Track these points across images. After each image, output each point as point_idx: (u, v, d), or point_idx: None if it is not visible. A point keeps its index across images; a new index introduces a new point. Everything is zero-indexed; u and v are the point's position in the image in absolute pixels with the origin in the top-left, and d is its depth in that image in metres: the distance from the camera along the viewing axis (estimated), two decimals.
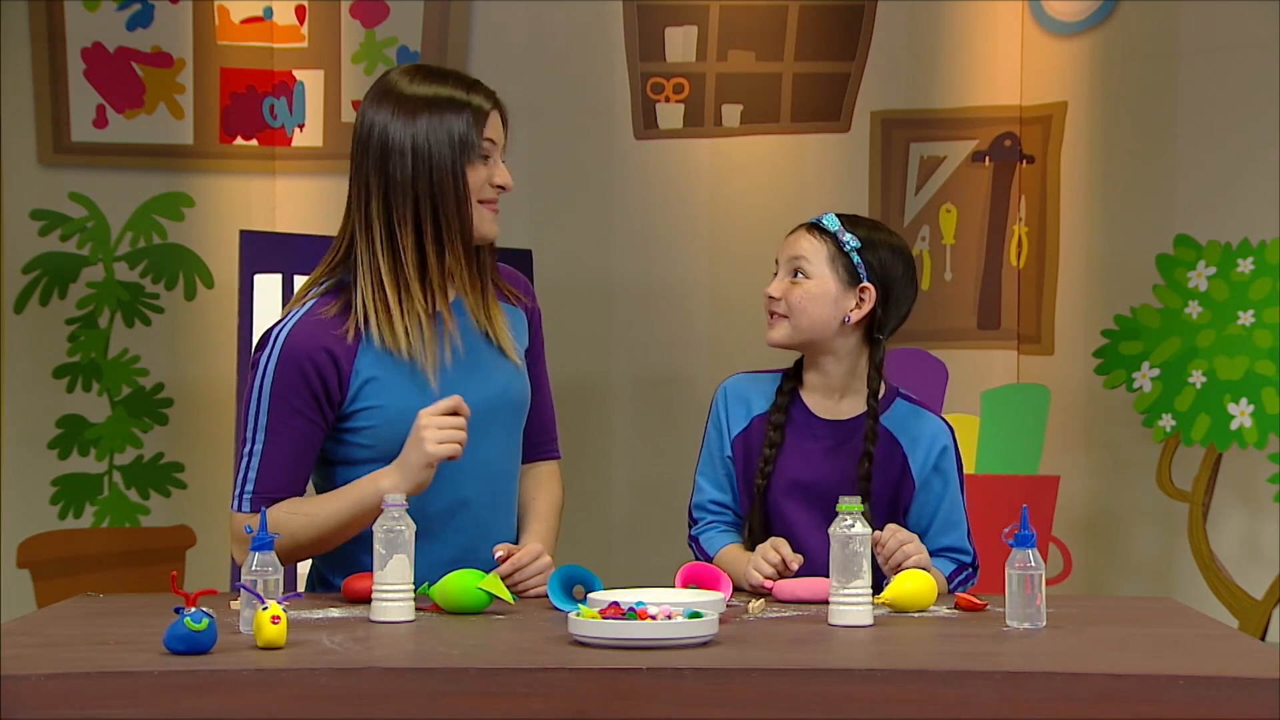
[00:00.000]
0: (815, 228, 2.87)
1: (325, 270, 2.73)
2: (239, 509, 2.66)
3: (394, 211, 2.66)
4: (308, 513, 2.65)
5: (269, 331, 2.69)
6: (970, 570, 2.89)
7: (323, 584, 2.79)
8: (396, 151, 2.65)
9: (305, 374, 2.64)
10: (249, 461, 2.66)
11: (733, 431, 2.91)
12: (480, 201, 2.71)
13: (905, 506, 2.87)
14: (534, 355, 2.88)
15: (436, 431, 2.60)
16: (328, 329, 2.66)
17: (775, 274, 2.89)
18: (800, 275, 2.85)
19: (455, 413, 2.62)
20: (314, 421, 2.66)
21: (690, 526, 2.96)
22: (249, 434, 2.67)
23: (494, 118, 2.71)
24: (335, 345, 2.66)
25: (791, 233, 2.90)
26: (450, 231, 2.67)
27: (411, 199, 2.66)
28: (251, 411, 2.67)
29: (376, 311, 2.66)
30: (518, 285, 2.89)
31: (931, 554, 2.79)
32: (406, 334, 2.66)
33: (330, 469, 2.73)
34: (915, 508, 2.86)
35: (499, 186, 2.72)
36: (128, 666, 2.04)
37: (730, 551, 2.88)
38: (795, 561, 2.72)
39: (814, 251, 2.85)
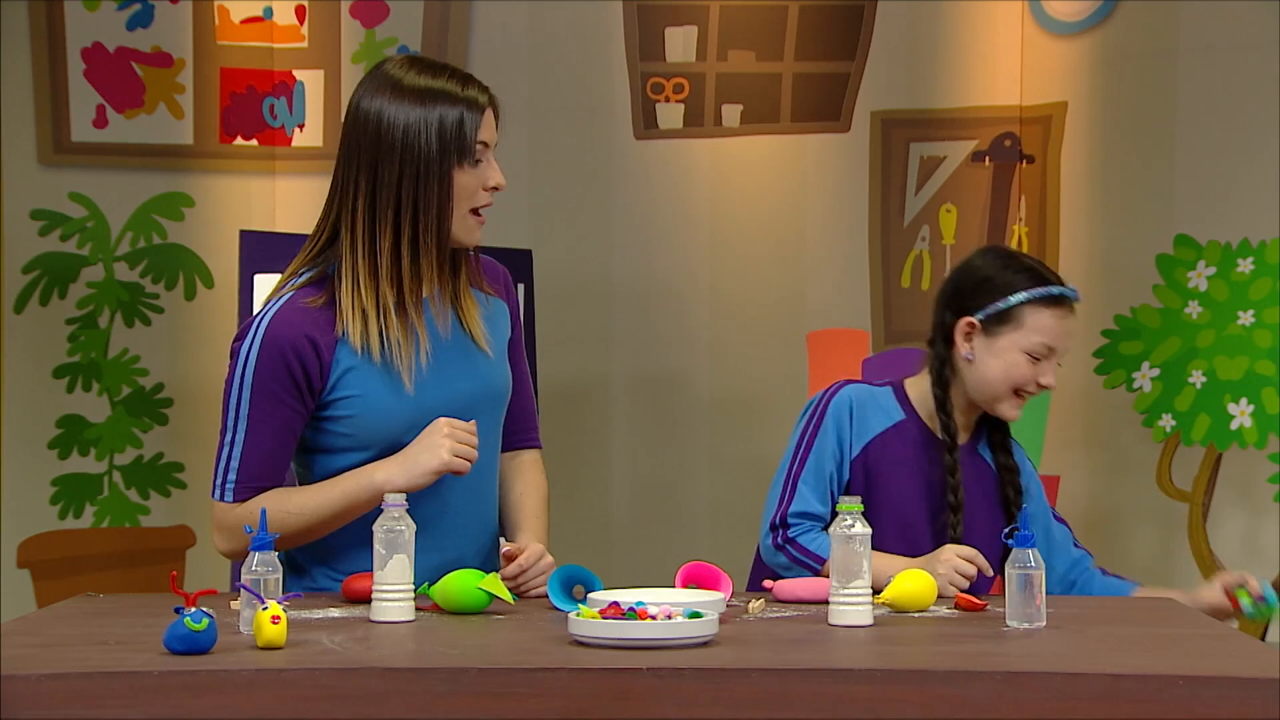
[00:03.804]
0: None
1: (305, 261, 2.72)
2: (221, 498, 2.66)
3: (377, 213, 2.65)
4: (298, 503, 2.64)
5: (249, 321, 2.69)
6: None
7: (290, 565, 2.77)
8: (387, 144, 2.63)
9: (287, 362, 2.63)
10: (230, 451, 2.65)
11: (854, 450, 2.91)
12: (472, 211, 2.70)
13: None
14: (514, 346, 2.87)
15: (457, 445, 2.62)
16: (310, 318, 2.65)
17: (1036, 358, 2.89)
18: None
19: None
20: (296, 410, 2.66)
21: (773, 534, 2.90)
22: (230, 423, 2.66)
23: (488, 116, 2.69)
24: (317, 333, 2.65)
25: (1064, 316, 2.91)
26: (427, 235, 2.66)
27: (394, 201, 2.64)
28: (233, 400, 2.66)
29: (353, 315, 2.65)
30: (496, 276, 2.88)
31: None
32: (382, 339, 2.66)
33: (309, 457, 2.73)
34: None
35: (493, 188, 2.72)
36: (128, 666, 2.04)
37: None
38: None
39: None
